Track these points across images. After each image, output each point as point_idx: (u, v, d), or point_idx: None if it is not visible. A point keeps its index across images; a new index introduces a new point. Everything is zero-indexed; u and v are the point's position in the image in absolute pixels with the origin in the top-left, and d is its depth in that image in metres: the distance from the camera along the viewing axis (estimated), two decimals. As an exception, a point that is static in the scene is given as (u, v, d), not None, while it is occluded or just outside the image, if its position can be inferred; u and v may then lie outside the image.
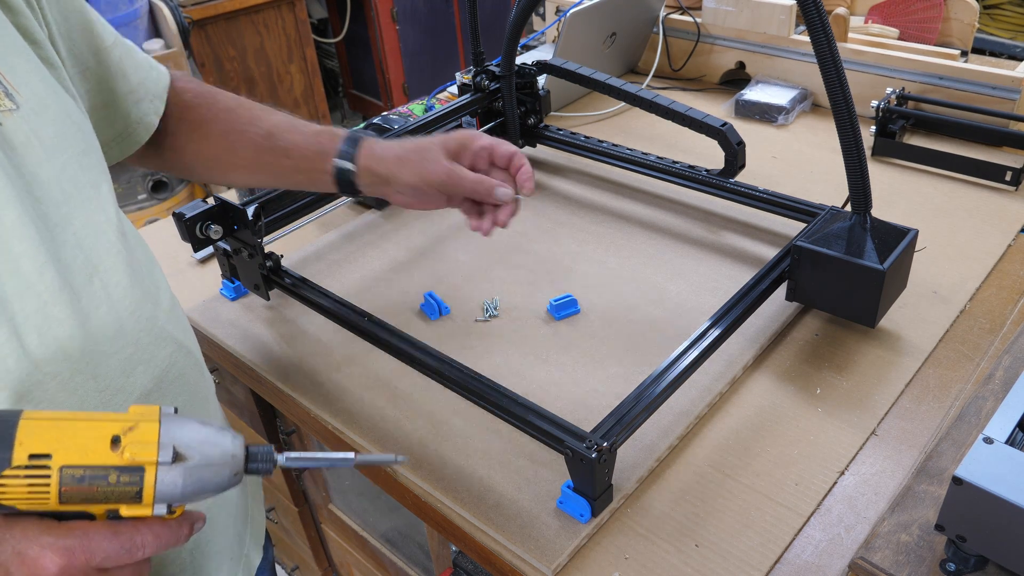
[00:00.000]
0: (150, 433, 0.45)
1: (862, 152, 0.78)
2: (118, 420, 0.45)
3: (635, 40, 1.51)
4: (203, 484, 0.48)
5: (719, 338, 0.77)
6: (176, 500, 0.47)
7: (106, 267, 0.54)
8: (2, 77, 0.49)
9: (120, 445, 0.45)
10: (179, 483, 0.46)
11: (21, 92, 0.50)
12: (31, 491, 0.43)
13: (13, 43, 0.52)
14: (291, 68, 2.82)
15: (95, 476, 0.44)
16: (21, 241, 0.48)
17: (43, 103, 0.52)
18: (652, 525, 0.67)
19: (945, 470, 0.65)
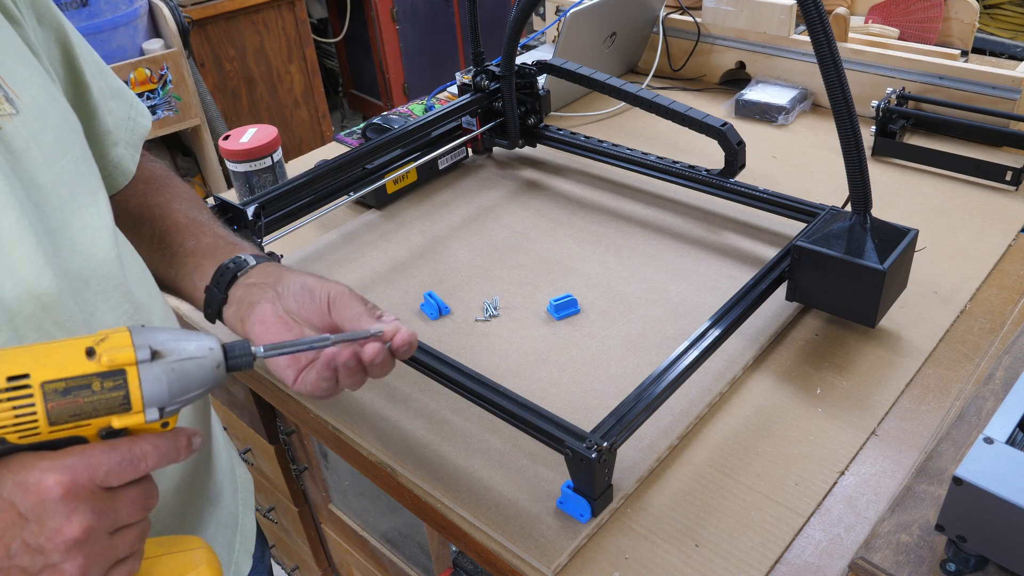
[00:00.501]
0: (122, 339, 0.45)
1: (862, 152, 0.78)
2: (88, 337, 0.45)
3: (635, 40, 1.51)
4: (188, 380, 0.48)
5: (719, 338, 0.77)
6: (165, 401, 0.46)
7: (101, 274, 0.54)
8: (3, 82, 0.50)
9: (96, 354, 0.44)
10: (163, 380, 0.46)
11: (22, 97, 0.51)
12: (17, 415, 0.42)
13: (15, 49, 0.52)
14: (291, 68, 2.82)
15: (78, 387, 0.44)
16: (20, 245, 0.48)
17: (43, 109, 0.52)
18: (652, 525, 0.67)
19: (945, 470, 0.65)
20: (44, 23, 0.59)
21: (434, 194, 1.18)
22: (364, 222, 1.12)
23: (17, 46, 0.53)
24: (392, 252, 1.05)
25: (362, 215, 1.14)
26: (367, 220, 1.13)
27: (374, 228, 1.11)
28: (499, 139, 1.24)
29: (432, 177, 1.21)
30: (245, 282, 0.63)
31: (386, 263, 1.03)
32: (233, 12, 2.56)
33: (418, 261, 1.03)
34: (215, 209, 0.90)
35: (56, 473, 0.43)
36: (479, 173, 1.24)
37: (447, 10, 3.32)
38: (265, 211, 0.94)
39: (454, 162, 1.24)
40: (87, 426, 0.44)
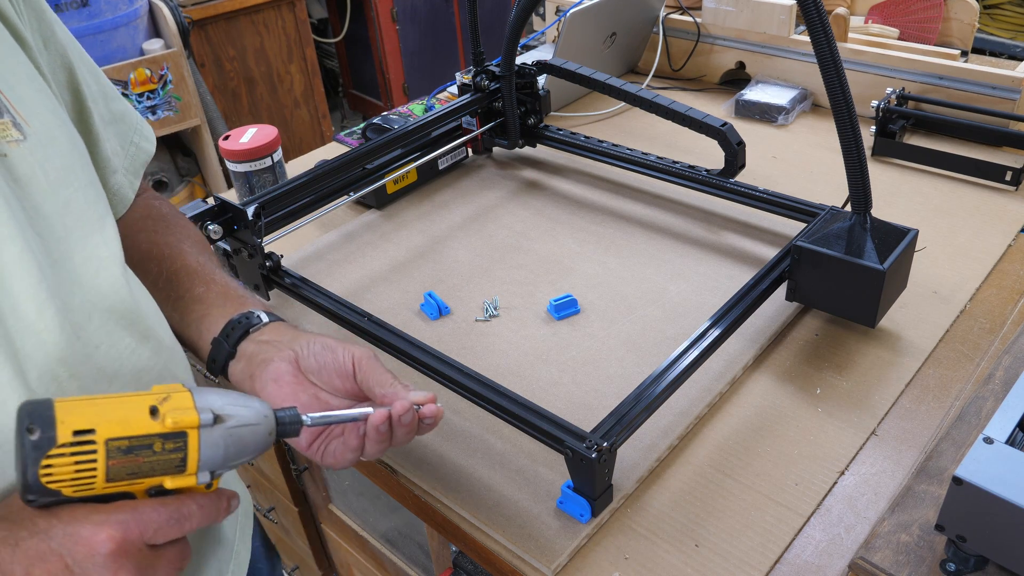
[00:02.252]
0: (186, 400, 0.45)
1: (862, 152, 0.78)
2: (150, 394, 0.45)
3: (635, 40, 1.51)
4: (243, 446, 0.48)
5: (719, 338, 0.77)
6: (218, 465, 0.47)
7: (105, 306, 0.53)
8: (11, 107, 0.49)
9: (159, 414, 0.44)
10: (221, 445, 0.46)
11: (30, 123, 0.49)
12: (78, 470, 0.41)
13: (26, 73, 0.51)
14: (291, 68, 2.82)
15: (141, 446, 0.43)
16: (22, 279, 0.47)
17: (52, 135, 0.51)
18: (652, 525, 0.67)
19: (945, 470, 0.65)
20: (50, 47, 0.58)
21: (434, 194, 1.18)
22: (364, 222, 1.12)
23: (27, 69, 0.52)
24: (392, 252, 1.05)
25: (362, 215, 1.14)
26: (367, 220, 1.13)
27: (374, 228, 1.11)
28: (499, 139, 1.24)
29: (432, 177, 1.21)
30: (258, 338, 0.62)
31: (386, 263, 1.03)
32: (233, 12, 2.56)
33: (418, 261, 1.03)
34: (215, 209, 0.90)
35: (109, 528, 0.42)
36: (479, 173, 1.24)
37: (447, 10, 3.32)
38: (265, 211, 0.94)
39: (454, 162, 1.24)
40: (139, 484, 0.44)
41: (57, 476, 0.41)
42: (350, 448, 0.57)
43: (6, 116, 0.48)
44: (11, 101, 0.49)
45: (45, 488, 0.41)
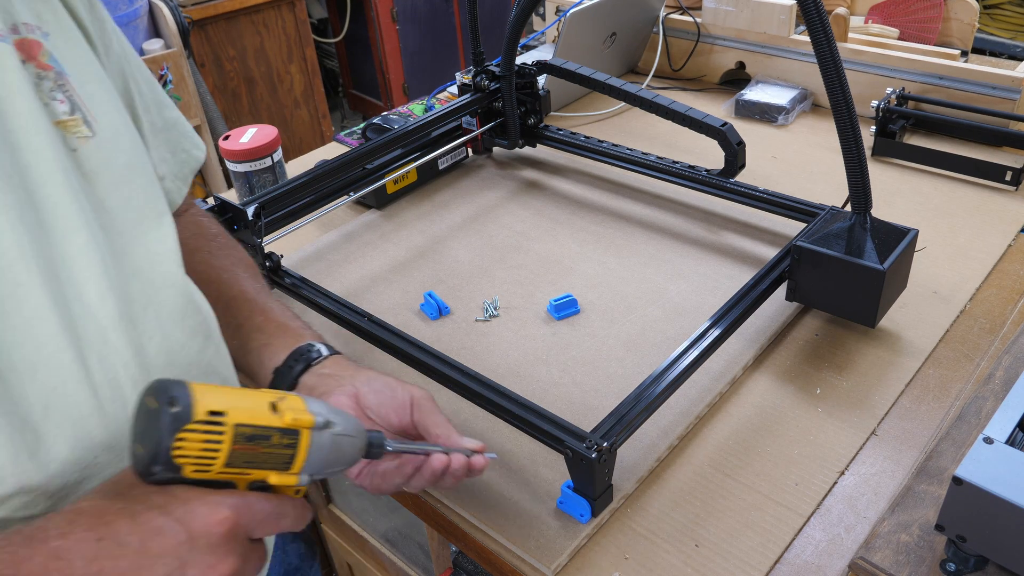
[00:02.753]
0: (299, 402, 0.48)
1: (862, 152, 0.78)
2: (267, 391, 0.47)
3: (635, 40, 1.51)
4: (341, 455, 0.50)
5: (719, 338, 0.77)
6: (317, 470, 0.48)
7: (161, 299, 0.54)
8: (83, 104, 0.50)
9: (279, 411, 0.46)
10: (325, 450, 0.48)
11: (99, 120, 0.51)
12: (205, 449, 0.43)
13: (96, 73, 0.53)
14: (291, 68, 2.82)
15: (261, 436, 0.45)
16: (87, 267, 0.49)
17: (117, 133, 0.53)
18: (652, 525, 0.67)
19: (945, 470, 0.65)
20: (110, 53, 0.59)
21: (434, 194, 1.18)
22: (364, 222, 1.12)
23: (97, 70, 0.54)
24: (392, 252, 1.05)
25: (362, 215, 1.14)
26: (367, 220, 1.13)
27: (374, 228, 1.11)
28: (499, 139, 1.24)
29: (432, 177, 1.21)
30: (318, 371, 0.63)
31: (386, 263, 1.03)
32: (233, 12, 2.56)
33: (418, 261, 1.03)
34: (215, 209, 0.90)
35: (225, 509, 0.44)
36: (479, 173, 1.24)
37: (447, 10, 3.32)
38: (265, 211, 0.94)
39: (454, 162, 1.24)
40: (247, 475, 0.46)
41: (185, 452, 0.42)
42: (402, 475, 0.59)
43: (78, 113, 0.50)
44: (83, 99, 0.51)
45: (171, 462, 0.42)
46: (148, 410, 0.42)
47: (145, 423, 0.42)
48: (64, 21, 0.52)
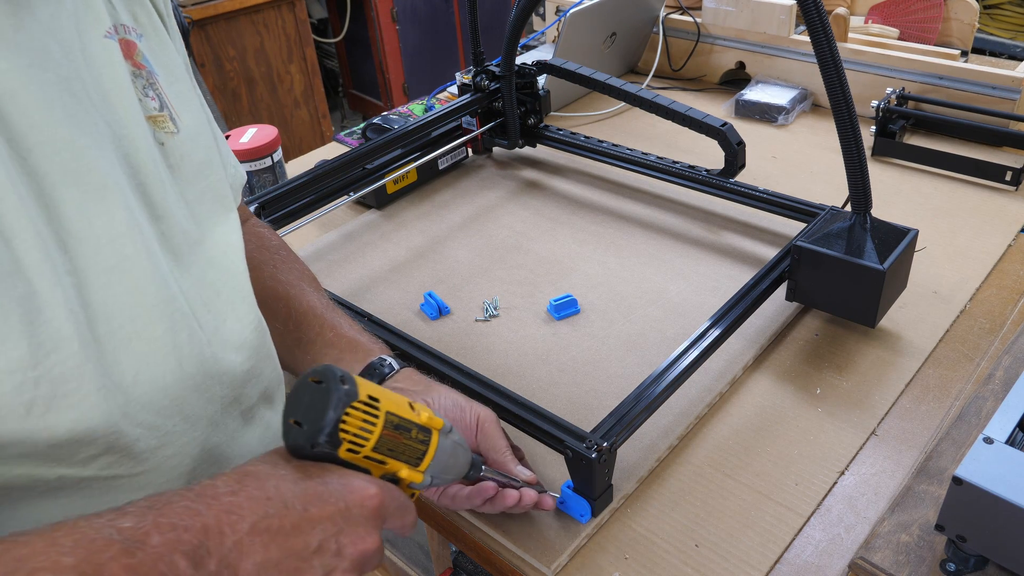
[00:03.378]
0: (426, 407, 0.52)
1: (862, 152, 0.78)
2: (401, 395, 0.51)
3: (635, 40, 1.51)
4: (455, 464, 0.54)
5: (719, 338, 0.77)
6: (436, 473, 0.52)
7: (232, 286, 0.57)
8: (169, 102, 0.54)
9: (415, 408, 0.50)
10: (446, 454, 0.52)
11: (182, 118, 0.55)
12: (361, 429, 0.46)
13: (180, 74, 0.57)
14: (291, 68, 2.82)
15: (405, 427, 0.49)
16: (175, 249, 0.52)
17: (197, 130, 0.56)
18: (652, 525, 0.67)
19: (945, 470, 0.65)
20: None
21: (434, 194, 1.18)
22: (364, 222, 1.12)
23: (181, 71, 0.57)
24: (392, 252, 1.05)
25: (362, 215, 1.14)
26: (367, 220, 1.13)
27: (374, 228, 1.11)
28: (499, 139, 1.24)
29: (432, 177, 1.21)
30: (392, 385, 0.65)
31: (386, 263, 1.03)
32: (233, 12, 2.56)
33: (418, 261, 1.03)
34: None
35: (374, 487, 0.47)
36: (479, 173, 1.24)
37: (447, 10, 3.32)
38: (265, 211, 0.94)
39: (454, 162, 1.24)
40: (383, 465, 0.48)
41: (347, 428, 0.45)
42: (474, 502, 0.62)
43: (165, 110, 0.53)
44: (169, 98, 0.54)
45: (335, 436, 0.45)
46: (315, 387, 0.45)
47: (311, 399, 0.45)
48: (155, 23, 0.56)
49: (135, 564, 0.38)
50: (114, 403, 0.46)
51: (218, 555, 0.41)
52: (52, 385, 0.42)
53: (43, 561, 0.36)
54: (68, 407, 0.43)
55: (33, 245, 0.41)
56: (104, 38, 0.49)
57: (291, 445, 0.46)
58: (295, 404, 0.46)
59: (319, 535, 0.45)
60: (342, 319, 0.71)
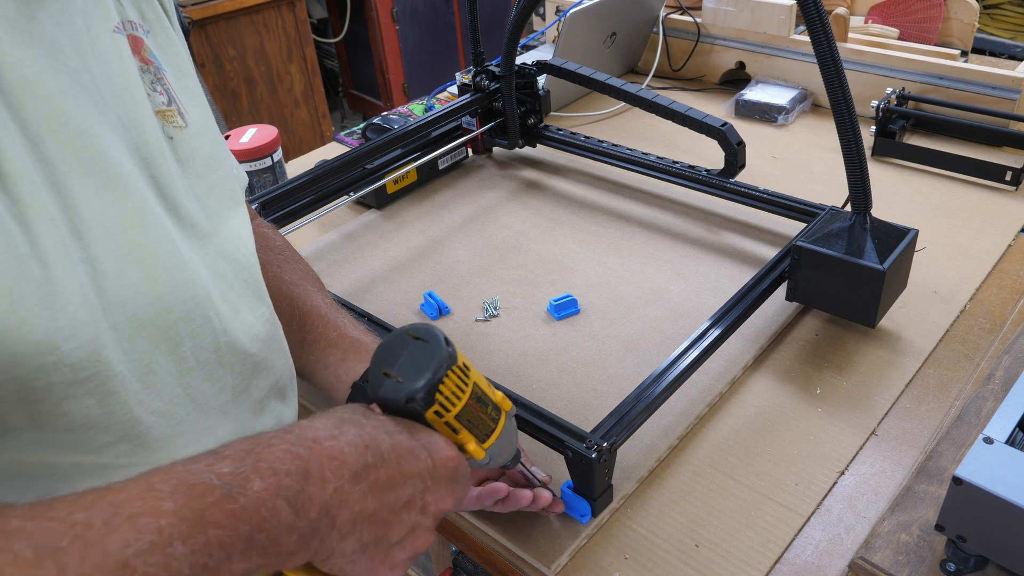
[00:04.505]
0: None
1: (862, 152, 0.78)
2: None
3: (635, 40, 1.51)
4: (508, 448, 0.55)
5: (719, 338, 0.77)
6: (494, 455, 0.52)
7: (244, 279, 0.57)
8: (177, 98, 0.54)
9: (492, 389, 0.51)
10: (505, 438, 0.53)
11: (190, 113, 0.55)
12: (452, 393, 0.47)
13: (187, 70, 0.57)
14: (291, 68, 2.81)
15: (484, 402, 0.50)
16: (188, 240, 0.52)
17: (204, 126, 0.57)
18: (652, 525, 0.67)
19: (945, 470, 0.65)
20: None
21: (434, 194, 1.18)
22: (364, 222, 1.12)
23: (189, 68, 0.58)
24: (392, 252, 1.05)
25: (362, 215, 1.14)
26: (367, 220, 1.13)
27: (374, 228, 1.11)
28: (499, 139, 1.24)
29: (432, 177, 1.21)
30: None
31: (386, 263, 1.03)
32: (233, 12, 2.56)
33: (418, 261, 1.03)
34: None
35: (455, 451, 0.49)
36: (479, 173, 1.24)
37: (447, 10, 3.32)
38: (265, 211, 0.94)
39: (454, 162, 1.24)
40: (456, 434, 0.49)
41: (443, 390, 0.47)
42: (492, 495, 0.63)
43: (173, 105, 0.54)
44: (176, 93, 0.54)
45: (432, 394, 0.46)
46: (416, 344, 0.46)
47: (411, 355, 0.46)
48: (161, 20, 0.56)
49: (237, 510, 0.37)
50: (128, 390, 0.46)
51: (320, 502, 0.41)
52: (71, 371, 0.42)
53: (141, 506, 0.35)
54: (84, 393, 0.43)
55: (47, 231, 0.41)
56: (113, 33, 0.49)
57: (382, 397, 0.47)
58: (389, 358, 0.46)
59: (409, 490, 0.45)
60: (346, 319, 0.71)
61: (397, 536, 0.46)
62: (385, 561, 0.45)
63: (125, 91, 0.49)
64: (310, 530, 0.40)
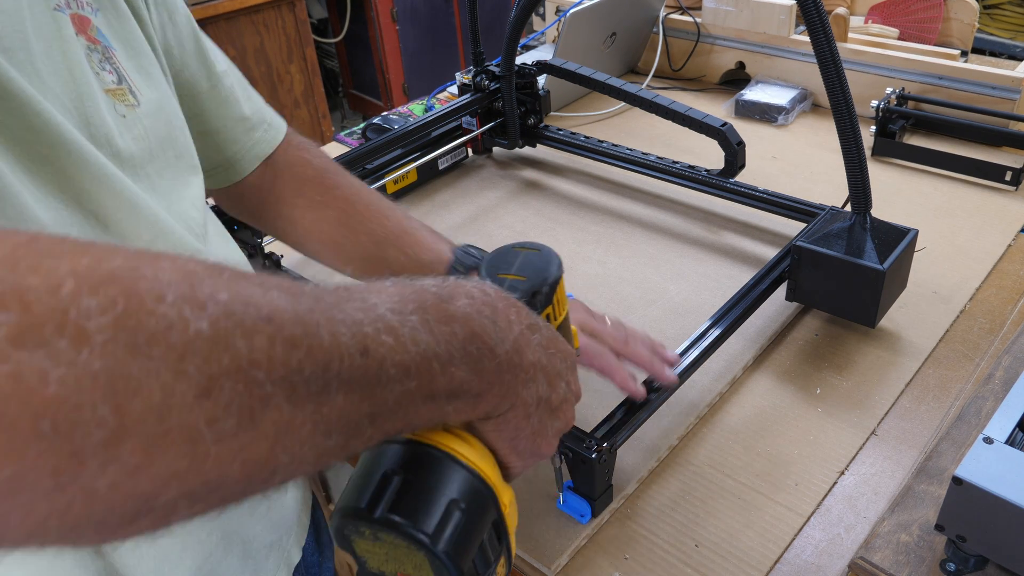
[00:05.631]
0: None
1: (862, 152, 0.78)
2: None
3: (635, 40, 1.51)
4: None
5: (719, 338, 0.77)
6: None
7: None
8: (127, 77, 0.54)
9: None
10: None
11: (142, 92, 0.54)
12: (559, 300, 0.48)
13: (140, 46, 0.56)
14: (291, 68, 2.82)
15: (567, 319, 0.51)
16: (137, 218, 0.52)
17: (159, 104, 0.56)
18: (652, 525, 0.67)
19: (945, 470, 0.65)
20: (175, 17, 0.63)
21: (434, 194, 1.18)
22: (364, 222, 1.12)
23: (141, 43, 0.57)
24: (392, 252, 1.05)
25: (362, 215, 1.14)
26: (367, 220, 1.13)
27: (374, 228, 1.11)
28: (499, 139, 1.24)
29: (432, 177, 1.21)
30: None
31: (386, 263, 1.03)
32: (233, 12, 2.56)
33: (418, 261, 1.03)
34: (215, 209, 0.90)
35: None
36: (479, 173, 1.24)
37: (447, 10, 3.32)
38: (265, 211, 0.94)
39: (454, 162, 1.24)
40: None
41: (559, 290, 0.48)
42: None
43: (124, 84, 0.53)
44: (127, 72, 0.54)
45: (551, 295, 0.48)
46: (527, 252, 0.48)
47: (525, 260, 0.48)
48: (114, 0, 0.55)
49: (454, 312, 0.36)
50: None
51: (511, 337, 0.40)
52: None
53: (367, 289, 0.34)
54: None
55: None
56: (54, 11, 0.48)
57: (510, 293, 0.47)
58: (502, 264, 0.47)
59: (560, 364, 0.45)
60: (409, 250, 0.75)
61: (557, 400, 0.45)
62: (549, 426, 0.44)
63: (66, 70, 0.48)
64: (506, 362, 0.39)
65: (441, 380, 0.35)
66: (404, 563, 0.38)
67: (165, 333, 0.25)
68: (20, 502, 0.23)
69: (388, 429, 0.34)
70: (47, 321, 0.23)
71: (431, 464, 0.40)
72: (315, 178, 0.76)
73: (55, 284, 0.24)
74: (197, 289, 0.27)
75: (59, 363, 0.23)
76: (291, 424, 0.28)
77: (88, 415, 0.23)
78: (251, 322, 0.27)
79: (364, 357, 0.31)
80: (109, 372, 0.24)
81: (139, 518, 0.26)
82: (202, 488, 0.27)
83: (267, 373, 0.27)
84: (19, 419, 0.22)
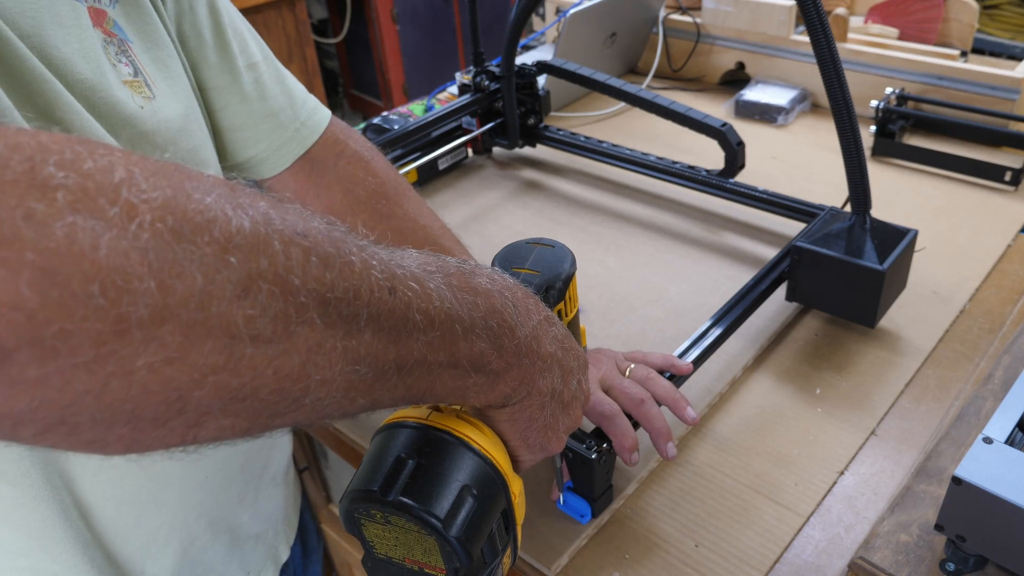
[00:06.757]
0: None
1: (862, 152, 0.78)
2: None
3: (635, 40, 1.51)
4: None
5: (719, 338, 0.77)
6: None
7: None
8: (143, 70, 0.54)
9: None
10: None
11: (158, 84, 0.55)
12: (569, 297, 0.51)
13: (160, 38, 0.57)
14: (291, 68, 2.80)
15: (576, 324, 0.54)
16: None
17: (175, 97, 0.56)
18: (652, 525, 0.68)
19: (945, 470, 0.65)
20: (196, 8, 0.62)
21: (434, 194, 1.18)
22: (364, 222, 1.12)
23: (161, 36, 0.57)
24: (392, 252, 1.05)
25: (362, 215, 1.14)
26: (367, 220, 1.13)
27: (374, 228, 1.11)
28: (499, 139, 1.24)
29: (432, 177, 1.21)
30: None
31: (386, 263, 1.03)
32: (233, 12, 2.56)
33: (418, 261, 1.03)
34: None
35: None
36: (479, 173, 1.24)
37: (447, 10, 3.32)
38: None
39: (454, 162, 1.24)
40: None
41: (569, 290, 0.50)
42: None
43: (140, 76, 0.54)
44: (143, 65, 0.54)
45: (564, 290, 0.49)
46: (540, 248, 0.49)
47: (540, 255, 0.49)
48: None
49: (476, 285, 0.37)
50: None
51: (528, 325, 0.40)
52: None
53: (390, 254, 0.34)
54: None
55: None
56: (73, 1, 0.49)
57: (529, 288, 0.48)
58: (516, 259, 0.48)
59: (573, 359, 0.45)
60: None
61: (569, 396, 0.45)
62: (560, 421, 0.45)
63: (83, 57, 0.48)
64: (525, 346, 0.40)
65: (463, 346, 0.35)
66: (413, 548, 0.38)
67: (209, 225, 0.26)
68: (60, 367, 0.23)
69: (412, 386, 0.35)
70: (101, 193, 0.24)
71: (445, 449, 0.40)
72: (368, 202, 0.74)
73: (108, 167, 0.25)
74: (239, 194, 0.28)
75: (111, 229, 0.24)
76: (322, 345, 0.29)
77: (135, 285, 0.24)
78: (289, 233, 0.28)
79: (392, 296, 0.32)
80: (157, 249, 0.24)
81: (171, 418, 0.26)
82: (237, 391, 0.27)
83: (302, 282, 0.28)
84: (71, 277, 0.22)
